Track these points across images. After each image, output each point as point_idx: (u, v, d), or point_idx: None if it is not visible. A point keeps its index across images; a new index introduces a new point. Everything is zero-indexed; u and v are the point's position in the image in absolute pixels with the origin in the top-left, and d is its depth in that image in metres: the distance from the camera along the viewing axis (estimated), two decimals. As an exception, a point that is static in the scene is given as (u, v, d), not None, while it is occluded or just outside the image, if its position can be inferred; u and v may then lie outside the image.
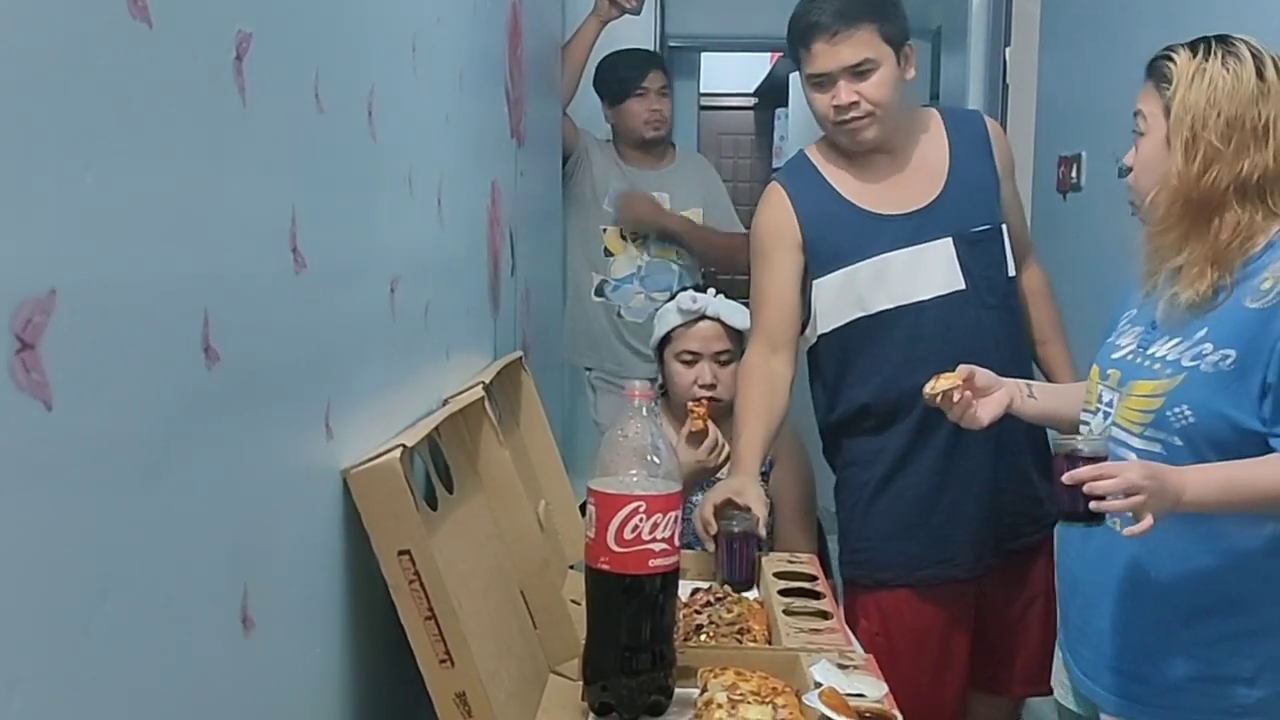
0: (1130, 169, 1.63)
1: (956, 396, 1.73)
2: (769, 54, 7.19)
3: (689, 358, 2.33)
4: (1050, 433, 1.82)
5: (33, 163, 0.59)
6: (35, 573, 0.60)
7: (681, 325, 2.34)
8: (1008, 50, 3.50)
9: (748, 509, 1.91)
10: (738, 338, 2.34)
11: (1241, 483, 1.45)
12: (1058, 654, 1.80)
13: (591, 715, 1.39)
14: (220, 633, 0.84)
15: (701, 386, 2.30)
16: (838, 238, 2.12)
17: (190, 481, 0.77)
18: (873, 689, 1.39)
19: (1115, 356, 1.65)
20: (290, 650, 0.99)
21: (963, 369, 1.75)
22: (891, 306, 2.11)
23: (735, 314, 2.34)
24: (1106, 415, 1.62)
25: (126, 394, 0.69)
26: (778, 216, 2.16)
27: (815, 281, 2.14)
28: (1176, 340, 1.55)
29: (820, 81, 2.08)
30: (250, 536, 0.89)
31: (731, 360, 2.32)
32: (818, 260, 2.13)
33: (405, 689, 1.20)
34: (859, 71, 2.05)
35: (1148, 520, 1.40)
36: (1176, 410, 1.51)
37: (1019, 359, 2.15)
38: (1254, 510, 1.48)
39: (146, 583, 0.71)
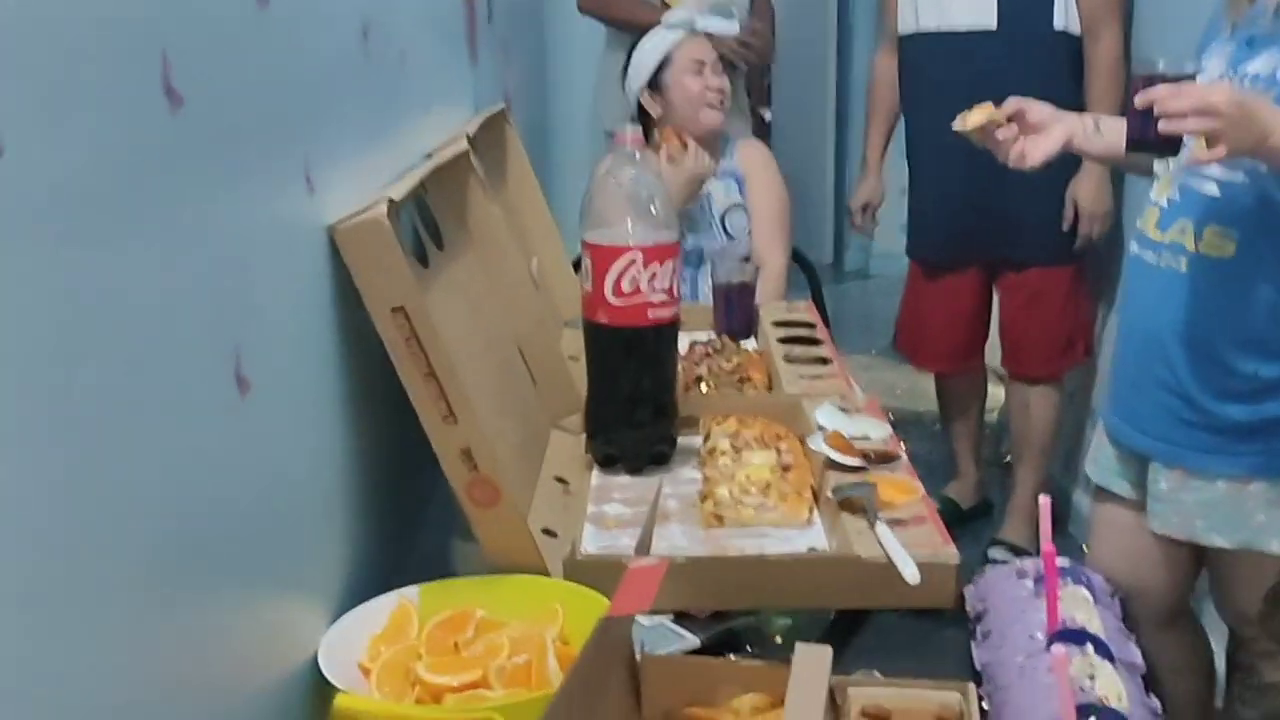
0: None
1: (1001, 135, 1.53)
2: None
3: (698, 67, 2.32)
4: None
5: None
6: None
7: (683, 41, 2.34)
8: None
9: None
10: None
11: None
12: (1098, 433, 1.71)
13: (596, 468, 1.39)
14: (215, 394, 0.81)
15: (714, 91, 2.31)
16: None
17: (164, 234, 0.72)
18: (877, 430, 1.39)
19: (1201, 79, 1.45)
20: (289, 411, 0.96)
21: (1009, 103, 1.53)
22: (931, 29, 2.40)
23: (723, 25, 2.42)
24: (1185, 145, 1.43)
25: (84, 136, 0.62)
26: None
27: None
28: (1273, 51, 1.39)
29: None
30: (236, 295, 0.85)
31: (723, 70, 2.39)
32: None
33: (408, 449, 1.18)
34: None
35: (1220, 149, 1.28)
36: None
37: None
38: None
39: (130, 343, 0.67)
